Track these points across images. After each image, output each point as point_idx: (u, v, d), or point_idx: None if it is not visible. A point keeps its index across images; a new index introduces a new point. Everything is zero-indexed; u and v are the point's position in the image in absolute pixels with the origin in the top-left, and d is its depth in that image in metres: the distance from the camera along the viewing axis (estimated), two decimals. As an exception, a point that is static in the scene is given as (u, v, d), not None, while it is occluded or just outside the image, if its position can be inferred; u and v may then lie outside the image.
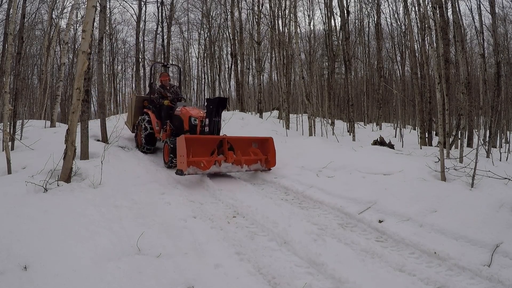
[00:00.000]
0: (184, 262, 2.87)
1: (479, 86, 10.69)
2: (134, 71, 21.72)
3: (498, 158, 5.65)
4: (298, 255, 3.06)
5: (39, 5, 15.74)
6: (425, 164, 4.70)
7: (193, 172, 4.96)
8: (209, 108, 5.69)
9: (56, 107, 9.86)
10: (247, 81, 20.05)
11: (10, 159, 4.51)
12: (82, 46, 4.35)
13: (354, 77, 20.95)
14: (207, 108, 5.75)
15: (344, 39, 12.56)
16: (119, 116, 14.16)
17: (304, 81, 10.31)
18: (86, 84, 5.28)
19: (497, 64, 8.57)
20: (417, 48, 12.93)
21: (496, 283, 2.56)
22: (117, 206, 3.90)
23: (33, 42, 18.31)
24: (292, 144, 7.25)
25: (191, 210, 4.08)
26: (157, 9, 21.94)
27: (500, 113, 8.85)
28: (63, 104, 19.15)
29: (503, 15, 13.76)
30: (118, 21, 24.99)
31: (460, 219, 3.35)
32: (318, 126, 10.54)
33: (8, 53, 4.93)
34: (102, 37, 6.96)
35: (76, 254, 2.77)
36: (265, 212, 3.94)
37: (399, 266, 2.83)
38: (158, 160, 6.60)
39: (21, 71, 12.08)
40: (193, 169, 4.98)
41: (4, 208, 3.35)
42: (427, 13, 8.92)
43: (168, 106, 6.88)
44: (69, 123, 4.35)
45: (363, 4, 20.56)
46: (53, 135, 6.93)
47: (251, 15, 17.62)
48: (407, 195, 3.94)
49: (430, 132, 9.59)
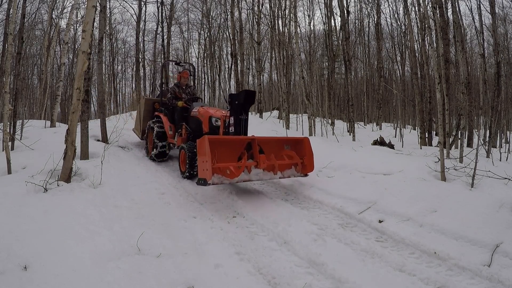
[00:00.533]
0: (184, 262, 2.87)
1: (479, 86, 10.70)
2: (134, 71, 21.74)
3: (498, 158, 5.64)
4: (298, 255, 3.06)
5: (39, 5, 15.77)
6: (425, 164, 4.69)
7: (218, 182, 4.07)
8: (234, 104, 4.89)
9: (56, 107, 9.86)
10: (247, 81, 20.03)
11: (10, 159, 4.51)
12: (82, 46, 4.35)
13: (354, 77, 20.97)
14: (231, 104, 4.95)
15: (344, 39, 12.55)
16: (119, 116, 14.17)
17: (304, 81, 10.31)
18: (86, 84, 5.28)
19: (497, 64, 8.57)
20: (417, 48, 12.94)
21: (496, 283, 2.56)
22: (117, 206, 3.90)
23: (33, 42, 18.31)
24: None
25: (191, 210, 4.08)
26: (157, 9, 21.99)
27: (500, 113, 8.85)
28: (63, 104, 19.15)
29: (503, 15, 13.77)
30: (118, 21, 24.98)
31: (460, 219, 3.35)
32: (318, 126, 10.54)
33: (8, 53, 4.92)
34: (102, 37, 6.96)
35: (76, 254, 2.77)
36: (265, 212, 3.94)
37: (399, 266, 2.83)
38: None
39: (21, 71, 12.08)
40: (218, 177, 4.11)
41: (4, 208, 3.35)
42: (427, 13, 8.92)
43: (183, 107, 6.21)
44: (69, 123, 4.35)
45: (363, 4, 20.59)
46: (53, 135, 6.93)
47: (251, 15, 17.64)
48: (407, 195, 3.93)
49: (430, 132, 9.59)
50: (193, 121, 5.92)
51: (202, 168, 3.97)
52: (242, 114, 4.90)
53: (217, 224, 3.69)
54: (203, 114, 5.64)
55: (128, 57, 24.55)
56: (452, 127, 7.21)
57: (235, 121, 4.90)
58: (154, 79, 21.74)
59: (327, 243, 3.25)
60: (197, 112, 5.83)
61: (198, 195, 4.63)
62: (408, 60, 16.32)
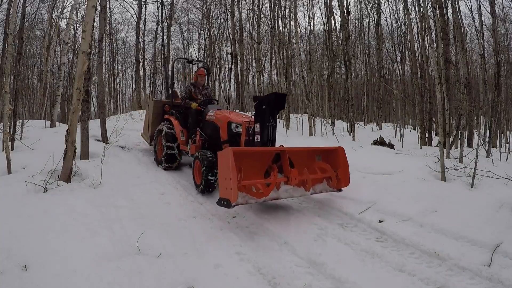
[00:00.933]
0: (184, 262, 2.87)
1: (479, 86, 10.70)
2: (134, 71, 21.76)
3: (498, 158, 5.64)
4: (298, 255, 3.06)
5: (39, 5, 15.76)
6: (425, 164, 4.69)
7: (243, 202, 3.49)
8: (261, 109, 4.16)
9: (56, 107, 9.86)
10: (247, 81, 20.06)
11: (10, 159, 4.51)
12: (82, 46, 4.35)
13: (354, 77, 20.96)
14: (257, 108, 4.22)
15: (344, 39, 12.56)
16: (119, 116, 14.17)
17: (304, 81, 10.32)
18: (86, 84, 5.27)
19: (497, 64, 8.57)
20: (417, 48, 12.93)
21: (496, 283, 2.56)
22: (117, 206, 3.90)
23: (33, 42, 18.30)
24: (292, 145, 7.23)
25: (191, 210, 4.08)
26: (157, 9, 21.93)
27: (500, 113, 8.85)
28: (63, 104, 19.14)
29: (503, 15, 13.75)
30: (118, 21, 24.89)
31: (460, 219, 3.35)
32: (318, 126, 10.53)
33: (8, 53, 4.93)
34: (102, 37, 6.96)
35: (76, 254, 2.77)
36: (264, 213, 3.94)
37: (399, 266, 2.83)
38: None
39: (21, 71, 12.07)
40: (243, 196, 3.51)
41: (4, 208, 3.36)
42: (427, 13, 8.94)
43: (197, 110, 5.54)
44: (69, 123, 4.35)
45: (363, 4, 20.59)
46: (53, 135, 6.93)
47: (251, 15, 17.63)
48: (407, 195, 3.93)
49: (430, 132, 9.60)
50: (209, 126, 5.22)
51: (224, 186, 3.33)
52: (270, 121, 4.17)
53: (217, 224, 3.69)
54: (221, 119, 4.94)
55: (128, 57, 24.59)
56: (452, 127, 7.21)
57: (262, 128, 4.16)
58: (154, 79, 21.76)
59: (327, 243, 3.25)
60: (214, 116, 5.13)
61: (198, 195, 4.63)
62: (408, 60, 16.30)
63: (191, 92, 5.90)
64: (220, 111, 5.23)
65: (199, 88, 5.99)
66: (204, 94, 6.02)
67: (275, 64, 17.64)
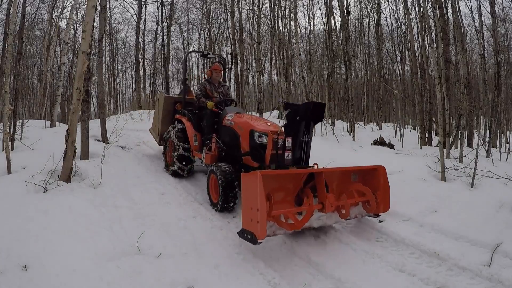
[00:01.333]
0: (184, 262, 2.87)
1: (479, 86, 10.70)
2: (134, 71, 21.76)
3: (498, 158, 5.64)
4: (298, 255, 3.06)
5: (39, 5, 15.76)
6: (425, 164, 4.70)
7: (270, 234, 2.93)
8: (295, 120, 3.41)
9: (56, 107, 9.84)
10: (247, 81, 20.06)
11: (10, 159, 4.50)
12: (82, 46, 4.35)
13: (354, 77, 20.96)
14: (289, 119, 3.48)
15: (344, 39, 12.55)
16: (119, 116, 14.17)
17: (304, 81, 10.32)
18: (86, 84, 5.27)
19: (497, 64, 8.57)
20: (417, 48, 12.93)
21: (496, 283, 2.56)
22: (117, 206, 3.90)
23: (33, 42, 18.30)
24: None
25: (191, 210, 4.08)
26: (157, 9, 21.90)
27: (500, 113, 8.85)
28: (63, 104, 19.12)
29: (503, 15, 13.75)
30: (118, 21, 24.91)
31: (460, 219, 3.35)
32: (318, 126, 10.53)
33: (8, 53, 4.92)
34: (102, 37, 6.95)
35: (76, 254, 2.77)
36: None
37: (399, 266, 2.84)
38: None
39: (21, 71, 12.07)
40: (270, 226, 2.94)
41: (4, 208, 3.35)
42: (427, 13, 8.94)
43: (213, 111, 4.84)
44: (69, 123, 4.35)
45: (363, 4, 20.57)
46: (53, 135, 6.92)
47: (251, 15, 17.62)
48: (407, 195, 3.94)
49: (430, 132, 9.60)
50: (226, 132, 4.47)
51: (249, 217, 2.75)
52: (304, 135, 3.47)
53: (217, 224, 3.69)
54: (242, 126, 4.18)
55: (128, 57, 24.59)
56: (452, 127, 7.22)
57: (294, 143, 3.46)
58: (154, 79, 21.75)
59: (327, 243, 3.25)
60: (232, 122, 4.38)
61: (198, 195, 4.63)
62: (408, 60, 16.29)
63: (206, 89, 5.20)
64: (239, 115, 4.48)
65: (215, 85, 5.30)
66: (221, 92, 5.33)
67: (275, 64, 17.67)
